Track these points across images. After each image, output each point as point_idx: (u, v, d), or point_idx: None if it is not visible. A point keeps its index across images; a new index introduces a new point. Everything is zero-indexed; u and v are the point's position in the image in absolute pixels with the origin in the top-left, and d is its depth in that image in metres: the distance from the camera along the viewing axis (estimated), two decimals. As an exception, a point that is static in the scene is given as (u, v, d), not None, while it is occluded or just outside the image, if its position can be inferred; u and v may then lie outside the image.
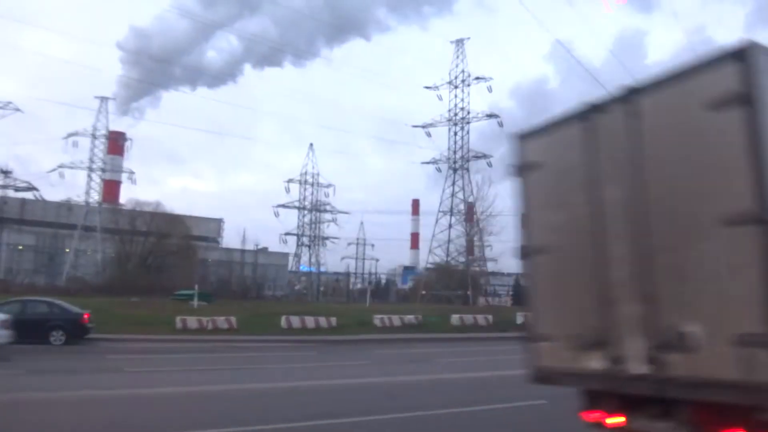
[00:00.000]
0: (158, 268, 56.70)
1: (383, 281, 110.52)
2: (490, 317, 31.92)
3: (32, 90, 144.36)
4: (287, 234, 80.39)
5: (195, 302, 33.03)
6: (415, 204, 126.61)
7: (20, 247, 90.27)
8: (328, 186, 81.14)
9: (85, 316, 20.68)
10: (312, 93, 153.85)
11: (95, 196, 71.64)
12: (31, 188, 62.50)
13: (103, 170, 72.21)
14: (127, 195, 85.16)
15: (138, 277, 52.67)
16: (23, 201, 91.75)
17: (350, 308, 41.79)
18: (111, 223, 61.48)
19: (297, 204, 79.97)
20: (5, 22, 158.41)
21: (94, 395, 10.62)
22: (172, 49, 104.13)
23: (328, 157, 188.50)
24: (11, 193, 66.12)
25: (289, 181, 78.98)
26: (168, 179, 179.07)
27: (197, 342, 22.82)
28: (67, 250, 75.44)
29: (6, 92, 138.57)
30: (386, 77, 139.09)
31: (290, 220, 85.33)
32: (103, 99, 71.39)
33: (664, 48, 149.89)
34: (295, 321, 27.58)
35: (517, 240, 5.33)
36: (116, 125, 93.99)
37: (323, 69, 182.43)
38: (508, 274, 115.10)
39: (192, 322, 25.73)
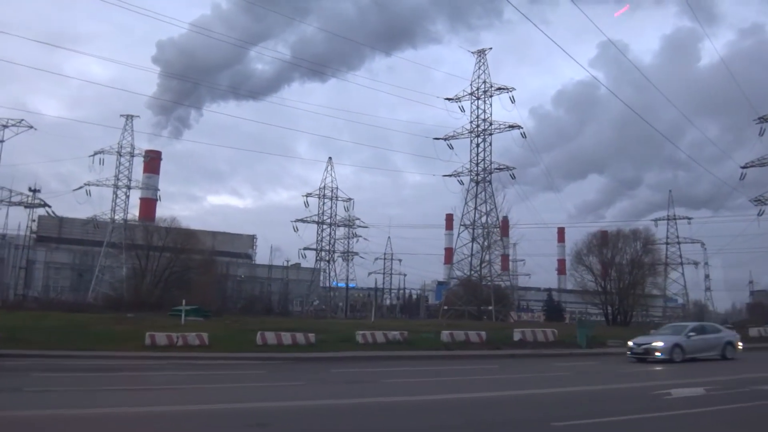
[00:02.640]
0: (175, 283, 56.52)
1: (414, 296, 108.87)
2: (483, 333, 30.24)
3: (74, 111, 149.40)
4: (306, 249, 79.78)
5: (182, 318, 32.29)
6: (449, 218, 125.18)
7: (55, 265, 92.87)
8: (348, 200, 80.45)
9: None
10: (350, 108, 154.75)
11: (121, 213, 72.41)
12: (44, 205, 63.28)
13: (128, 187, 73.02)
14: (151, 212, 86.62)
15: (152, 293, 52.74)
16: (60, 220, 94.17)
17: (345, 324, 40.37)
18: (129, 240, 61.97)
19: (316, 218, 79.22)
20: (51, 48, 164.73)
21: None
22: (213, 64, 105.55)
23: (365, 172, 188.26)
24: (23, 211, 66.69)
25: (308, 195, 78.56)
26: (206, 195, 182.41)
27: (152, 359, 22.02)
28: (105, 266, 76.47)
29: (50, 112, 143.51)
30: (425, 89, 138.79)
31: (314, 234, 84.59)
32: (128, 117, 72.65)
33: (718, 50, 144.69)
34: (271, 337, 26.52)
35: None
36: (153, 143, 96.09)
37: (364, 83, 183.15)
38: (545, 289, 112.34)
39: (161, 338, 24.98)
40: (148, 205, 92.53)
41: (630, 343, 24.06)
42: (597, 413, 11.49)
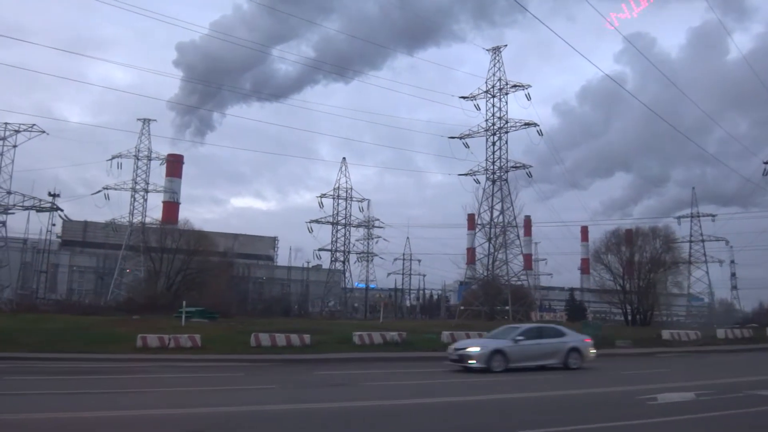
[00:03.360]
0: (189, 285, 56.54)
1: (435, 297, 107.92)
2: (485, 334, 29.40)
3: (98, 116, 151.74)
4: (320, 249, 79.60)
5: (183, 320, 32.13)
6: (471, 218, 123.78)
7: (79, 269, 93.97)
8: (362, 200, 79.99)
9: None
10: (372, 108, 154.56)
11: (139, 216, 72.94)
12: (55, 209, 63.86)
13: (146, 190, 73.48)
14: (174, 215, 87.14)
15: (165, 295, 52.81)
16: (85, 223, 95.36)
17: (349, 324, 39.70)
18: (143, 243, 62.29)
19: (330, 219, 78.93)
20: (74, 55, 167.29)
21: None
22: (235, 66, 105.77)
23: (387, 173, 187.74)
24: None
25: (322, 196, 78.31)
26: (229, 198, 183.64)
27: (139, 361, 21.79)
28: (128, 270, 77.04)
29: (74, 118, 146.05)
30: (448, 88, 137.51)
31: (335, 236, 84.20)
32: (145, 121, 73.13)
33: (749, 42, 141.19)
34: (265, 339, 26.15)
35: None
36: (175, 147, 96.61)
37: (386, 83, 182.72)
38: (568, 289, 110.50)
39: (153, 340, 24.75)
40: (171, 208, 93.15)
41: (450, 348, 21.31)
42: (566, 421, 10.79)
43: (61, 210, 66.42)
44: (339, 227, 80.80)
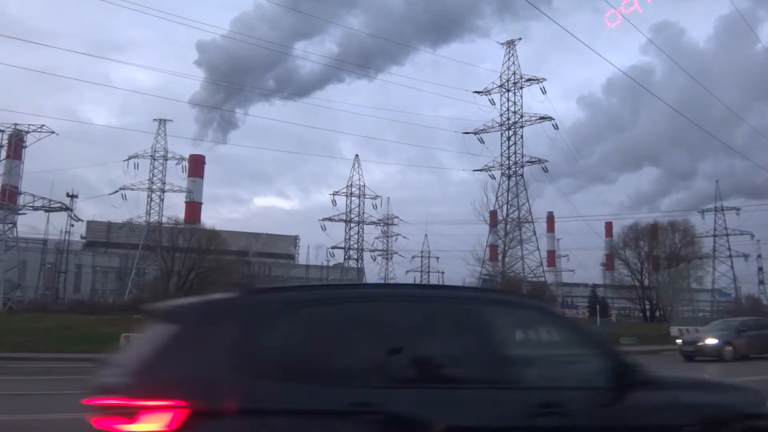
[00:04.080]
0: (201, 284, 56.64)
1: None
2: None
3: (123, 118, 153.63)
4: (334, 248, 79.31)
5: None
6: (493, 215, 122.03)
7: (103, 269, 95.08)
8: (375, 197, 79.39)
9: None
10: (395, 105, 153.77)
11: (156, 216, 73.51)
12: (65, 209, 64.41)
13: (162, 190, 74.06)
14: (196, 215, 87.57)
15: (175, 294, 52.94)
16: (108, 224, 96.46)
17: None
18: (155, 242, 62.63)
19: (344, 217, 78.52)
20: (97, 57, 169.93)
21: None
22: (257, 64, 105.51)
23: (410, 170, 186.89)
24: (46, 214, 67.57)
25: (335, 193, 77.92)
26: (252, 198, 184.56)
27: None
28: (147, 271, 77.61)
29: (100, 121, 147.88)
30: (470, 84, 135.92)
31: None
32: (161, 121, 73.57)
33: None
34: (252, 338, 25.63)
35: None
36: (197, 148, 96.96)
37: (409, 79, 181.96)
38: (591, 285, 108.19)
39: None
40: (193, 208, 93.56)
41: None
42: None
43: (71, 210, 66.94)
44: (352, 225, 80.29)
